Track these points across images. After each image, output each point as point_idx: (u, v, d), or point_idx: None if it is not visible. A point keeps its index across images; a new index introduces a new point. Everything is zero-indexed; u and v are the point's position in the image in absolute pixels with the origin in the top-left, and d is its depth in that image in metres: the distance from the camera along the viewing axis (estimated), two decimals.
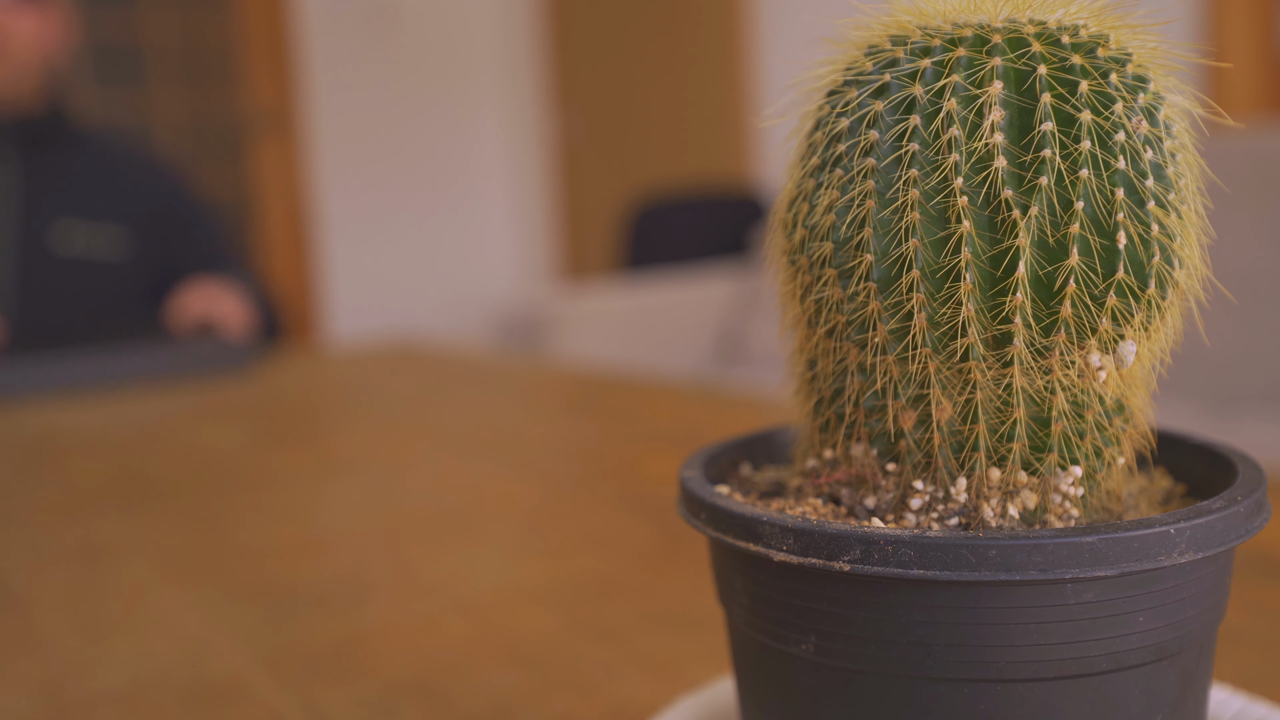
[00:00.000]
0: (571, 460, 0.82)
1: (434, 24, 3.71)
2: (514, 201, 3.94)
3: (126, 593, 0.55)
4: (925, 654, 0.24)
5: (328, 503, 0.70)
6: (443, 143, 3.78)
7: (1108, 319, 0.25)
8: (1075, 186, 0.25)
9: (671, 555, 0.56)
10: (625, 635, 0.46)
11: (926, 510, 0.27)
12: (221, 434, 0.94)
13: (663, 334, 2.10)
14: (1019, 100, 0.25)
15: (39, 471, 0.84)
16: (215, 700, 0.42)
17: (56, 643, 0.49)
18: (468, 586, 0.53)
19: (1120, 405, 0.27)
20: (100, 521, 0.68)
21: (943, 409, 0.26)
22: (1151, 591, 0.24)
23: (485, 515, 0.65)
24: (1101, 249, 0.25)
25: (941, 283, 0.25)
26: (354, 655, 0.46)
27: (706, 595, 0.50)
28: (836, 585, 0.24)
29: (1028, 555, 0.22)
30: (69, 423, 1.03)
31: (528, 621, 0.48)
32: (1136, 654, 0.24)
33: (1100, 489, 0.28)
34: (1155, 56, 0.27)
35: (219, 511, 0.69)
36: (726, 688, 0.36)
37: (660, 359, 2.07)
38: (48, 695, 0.43)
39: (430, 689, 0.42)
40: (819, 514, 0.28)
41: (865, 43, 0.28)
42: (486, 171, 3.89)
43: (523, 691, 0.42)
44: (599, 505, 0.66)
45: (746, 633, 0.27)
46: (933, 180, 0.25)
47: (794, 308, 0.29)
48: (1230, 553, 0.26)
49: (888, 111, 0.26)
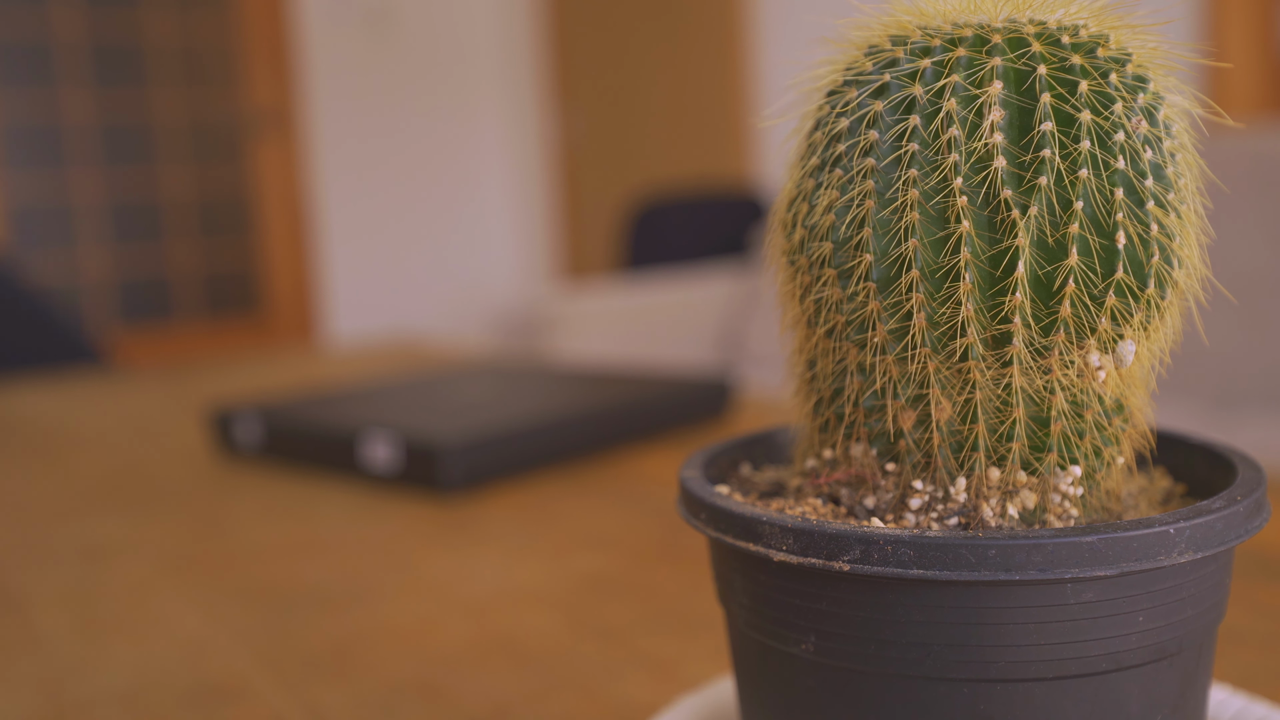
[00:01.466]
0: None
1: (434, 24, 3.71)
2: (514, 201, 3.94)
3: (126, 593, 0.55)
4: (925, 654, 0.24)
5: (329, 502, 0.70)
6: (443, 142, 3.78)
7: (1107, 319, 0.25)
8: (1075, 186, 0.25)
9: (671, 555, 0.56)
10: (625, 635, 0.46)
11: (926, 510, 0.27)
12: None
13: (663, 334, 2.10)
14: (1019, 100, 0.25)
15: (39, 470, 0.84)
16: (215, 700, 0.42)
17: (56, 643, 0.49)
18: (468, 586, 0.53)
19: (1120, 405, 0.27)
20: (100, 521, 0.68)
21: (942, 409, 0.26)
22: (1151, 591, 0.24)
23: (485, 515, 0.65)
24: (1101, 249, 0.25)
25: (941, 283, 0.25)
26: (354, 655, 0.46)
27: (706, 595, 0.50)
28: (836, 585, 0.24)
29: (1027, 555, 0.22)
30: (66, 417, 1.03)
31: (528, 621, 0.48)
32: (1136, 654, 0.24)
33: (1100, 489, 0.28)
34: (1155, 56, 0.27)
35: (219, 512, 0.69)
36: (726, 688, 0.36)
37: (660, 359, 2.07)
38: (48, 695, 0.43)
39: (430, 689, 0.42)
40: (819, 514, 0.28)
41: (865, 43, 0.28)
42: (487, 171, 3.89)
43: (523, 691, 0.42)
44: (599, 505, 0.66)
45: (746, 633, 0.27)
46: (932, 180, 0.25)
47: (794, 308, 0.29)
48: (1230, 553, 0.26)
49: (887, 111, 0.26)
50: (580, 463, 0.77)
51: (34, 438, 0.97)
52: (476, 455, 0.70)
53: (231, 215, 3.67)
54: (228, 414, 0.83)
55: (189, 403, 1.11)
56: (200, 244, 3.65)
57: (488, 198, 3.90)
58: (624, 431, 0.80)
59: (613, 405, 0.79)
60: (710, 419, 0.87)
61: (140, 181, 3.53)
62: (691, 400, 0.85)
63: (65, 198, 3.41)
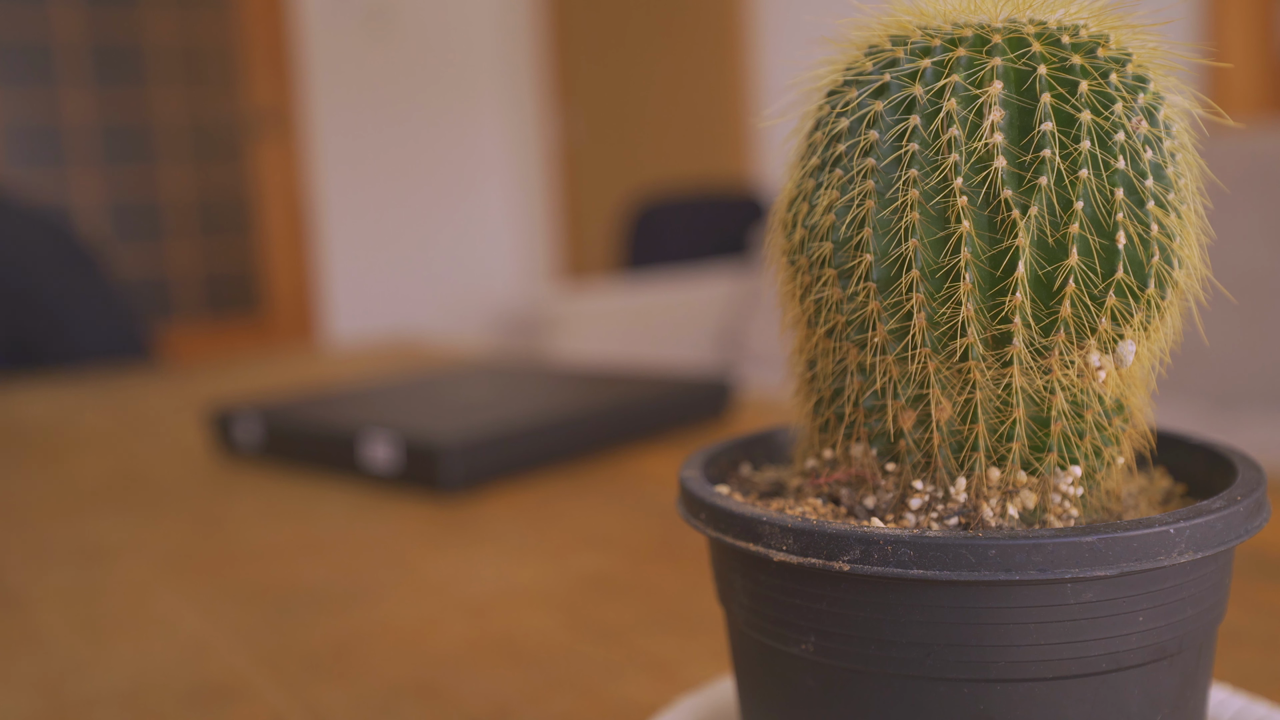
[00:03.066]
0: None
1: (434, 24, 3.71)
2: (514, 201, 3.94)
3: (126, 593, 0.55)
4: (925, 654, 0.24)
5: (329, 502, 0.70)
6: (443, 142, 3.78)
7: (1107, 319, 0.25)
8: (1075, 186, 0.25)
9: (671, 555, 0.56)
10: (625, 635, 0.46)
11: (926, 510, 0.27)
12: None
13: (663, 334, 2.10)
14: (1019, 100, 0.25)
15: (39, 470, 0.84)
16: (215, 700, 0.42)
17: (56, 643, 0.49)
18: (467, 586, 0.53)
19: (1120, 405, 0.27)
20: (100, 521, 0.68)
21: (942, 409, 0.26)
22: (1151, 591, 0.24)
23: (485, 515, 0.65)
24: (1101, 249, 0.25)
25: (941, 283, 0.25)
26: (354, 655, 0.46)
27: (706, 595, 0.50)
28: (836, 585, 0.24)
29: (1027, 555, 0.22)
30: (67, 419, 1.03)
31: (528, 621, 0.48)
32: (1136, 654, 0.24)
33: (1100, 489, 0.28)
34: (1155, 56, 0.27)
35: (219, 512, 0.69)
36: (726, 688, 0.36)
37: (660, 359, 2.07)
38: (48, 695, 0.43)
39: (430, 689, 0.42)
40: (819, 514, 0.28)
41: (865, 43, 0.28)
42: (487, 171, 3.89)
43: (523, 691, 0.42)
44: (599, 505, 0.66)
45: (746, 633, 0.27)
46: (932, 180, 0.25)
47: (794, 308, 0.29)
48: (1230, 552, 0.26)
49: (888, 111, 0.26)
50: (580, 463, 0.77)
51: (34, 438, 0.97)
52: (476, 455, 0.70)
53: (231, 215, 3.67)
54: (228, 414, 0.83)
55: (189, 403, 1.11)
56: (200, 244, 3.65)
57: (488, 198, 3.90)
58: (624, 431, 0.80)
59: (613, 405, 0.79)
60: (710, 419, 0.87)
61: (140, 181, 3.53)
62: (691, 400, 0.85)
63: (66, 198, 3.41)
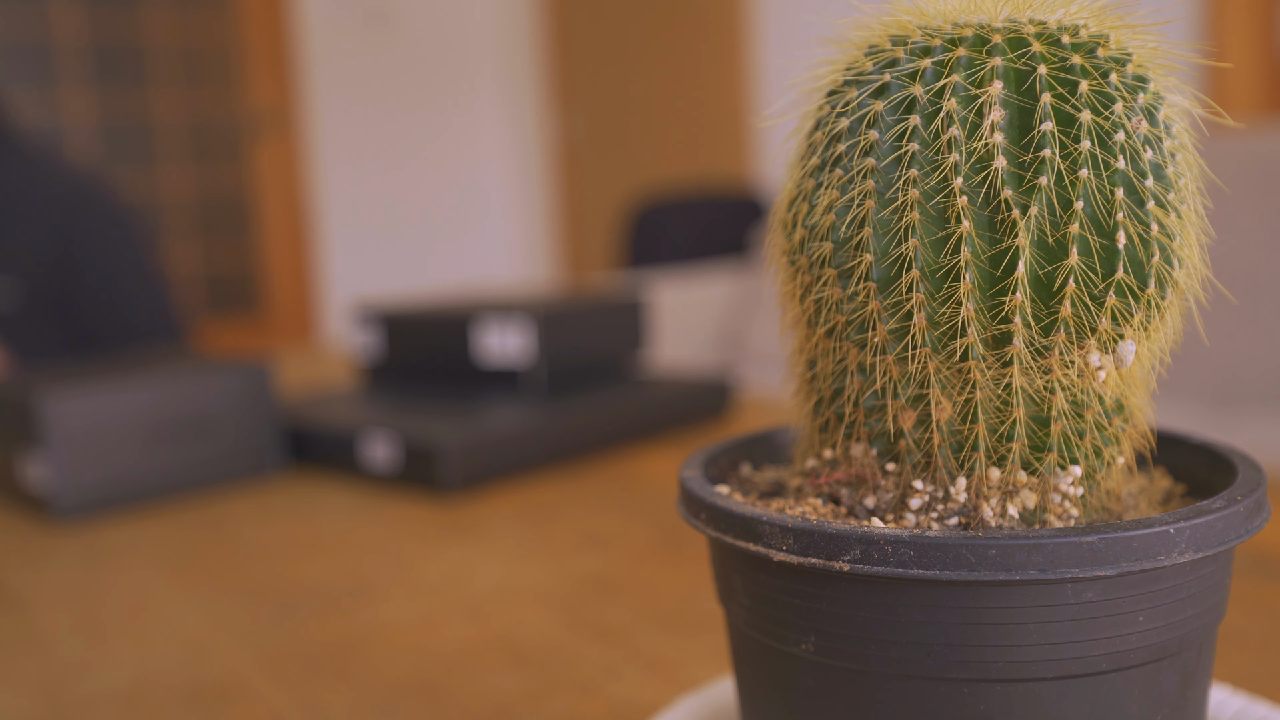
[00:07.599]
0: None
1: (434, 24, 3.71)
2: (515, 202, 3.94)
3: (126, 593, 0.55)
4: (925, 654, 0.24)
5: (329, 502, 0.70)
6: (443, 143, 3.78)
7: (1107, 319, 0.25)
8: (1075, 186, 0.25)
9: (671, 555, 0.56)
10: (625, 635, 0.46)
11: (926, 510, 0.27)
12: None
13: (663, 334, 2.10)
14: (1019, 100, 0.25)
15: None
16: (215, 700, 0.42)
17: (56, 643, 0.49)
18: (467, 586, 0.53)
19: (1120, 405, 0.27)
20: (100, 522, 0.68)
21: (942, 409, 0.26)
22: (1151, 591, 0.24)
23: (485, 515, 0.65)
24: (1101, 249, 0.25)
25: (941, 282, 0.25)
26: (354, 655, 0.46)
27: (706, 595, 0.50)
28: (836, 585, 0.24)
29: (1027, 555, 0.22)
30: None
31: (527, 621, 0.48)
32: (1136, 654, 0.24)
33: (1100, 489, 0.28)
34: (1155, 56, 0.27)
35: (219, 512, 0.69)
36: (726, 688, 0.36)
37: (660, 359, 2.07)
38: (48, 695, 0.43)
39: (430, 689, 0.42)
40: (819, 514, 0.28)
41: (865, 43, 0.28)
42: (487, 171, 3.89)
43: (523, 691, 0.42)
44: (599, 505, 0.66)
45: (746, 633, 0.27)
46: (933, 180, 0.25)
47: (794, 308, 0.29)
48: (1230, 552, 0.26)
49: (888, 111, 0.26)
50: (580, 463, 0.77)
51: None
52: (476, 455, 0.70)
53: (231, 215, 3.67)
54: None
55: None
56: (200, 244, 3.65)
57: (488, 198, 3.90)
58: (624, 431, 0.80)
59: (613, 405, 0.79)
60: (710, 419, 0.87)
61: (140, 182, 3.53)
62: (691, 400, 0.85)
63: None
